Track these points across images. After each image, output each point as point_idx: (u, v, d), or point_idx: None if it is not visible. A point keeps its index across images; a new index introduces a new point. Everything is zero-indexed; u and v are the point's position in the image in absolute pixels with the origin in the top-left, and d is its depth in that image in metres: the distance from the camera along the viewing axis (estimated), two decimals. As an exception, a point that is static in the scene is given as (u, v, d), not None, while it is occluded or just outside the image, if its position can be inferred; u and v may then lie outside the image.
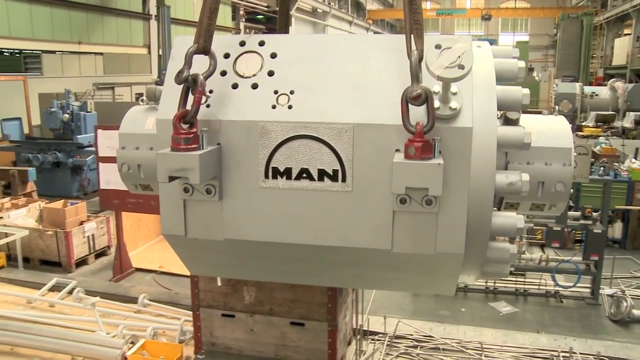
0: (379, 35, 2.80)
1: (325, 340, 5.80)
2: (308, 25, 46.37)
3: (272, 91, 2.57)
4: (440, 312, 8.02)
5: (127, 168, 2.93)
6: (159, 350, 6.19)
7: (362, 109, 2.46)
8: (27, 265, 9.42)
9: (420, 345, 6.78)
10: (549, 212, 2.88)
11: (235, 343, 6.04)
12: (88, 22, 22.43)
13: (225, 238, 2.67)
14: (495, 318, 7.83)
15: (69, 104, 15.06)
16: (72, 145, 14.56)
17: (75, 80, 21.06)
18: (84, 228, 9.50)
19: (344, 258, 2.68)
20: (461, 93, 2.35)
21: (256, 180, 2.56)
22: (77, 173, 14.81)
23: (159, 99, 2.73)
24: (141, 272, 9.17)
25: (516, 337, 6.84)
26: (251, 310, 5.90)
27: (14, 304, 7.98)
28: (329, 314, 5.72)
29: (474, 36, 11.41)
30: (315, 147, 2.48)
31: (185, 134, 2.40)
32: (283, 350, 5.93)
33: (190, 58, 2.52)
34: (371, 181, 2.45)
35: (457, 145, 2.34)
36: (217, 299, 5.95)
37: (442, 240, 2.43)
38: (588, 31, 38.87)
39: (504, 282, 8.69)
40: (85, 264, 9.57)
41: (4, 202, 10.92)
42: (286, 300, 5.79)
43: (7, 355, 6.55)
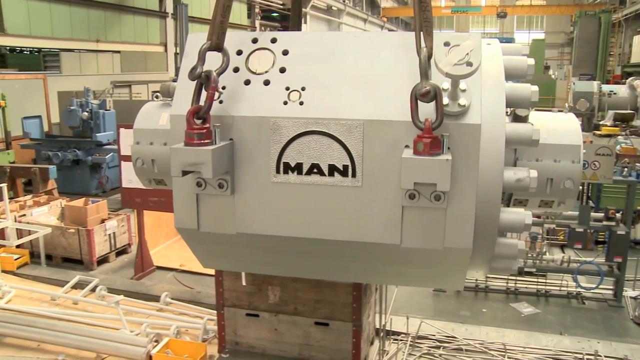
0: (389, 32, 2.82)
1: (350, 340, 5.82)
2: (323, 23, 46.33)
3: (284, 87, 2.61)
4: (461, 313, 8.01)
5: (142, 163, 2.98)
6: (183, 349, 6.23)
7: (372, 105, 2.49)
8: (49, 262, 9.51)
9: (442, 345, 6.76)
10: (557, 208, 2.93)
11: (259, 342, 6.07)
12: (106, 21, 22.59)
13: (237, 232, 2.71)
14: (517, 319, 7.79)
15: (88, 102, 15.20)
16: (92, 143, 14.69)
17: (93, 78, 21.21)
18: (105, 226, 9.58)
19: (353, 252, 2.70)
20: (470, 90, 2.37)
21: (268, 175, 2.60)
22: (96, 171, 14.94)
23: (173, 95, 2.77)
24: (162, 270, 9.23)
25: (539, 339, 6.80)
26: (275, 310, 5.92)
27: (39, 300, 8.07)
28: (354, 314, 5.74)
29: (489, 34, 11.32)
30: (325, 142, 2.52)
31: (198, 129, 2.44)
32: (307, 350, 5.95)
33: (203, 55, 2.56)
34: (381, 176, 2.47)
35: (466, 142, 2.36)
36: (242, 298, 5.98)
37: (450, 235, 2.46)
38: (606, 28, 38.42)
39: (525, 283, 8.65)
40: (106, 261, 9.65)
41: (26, 199, 11.03)
42: (311, 300, 5.81)
43: (34, 352, 6.63)
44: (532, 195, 2.74)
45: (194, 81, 2.55)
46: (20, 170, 12.88)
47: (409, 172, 2.24)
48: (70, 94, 16.29)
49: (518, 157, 2.73)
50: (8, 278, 8.64)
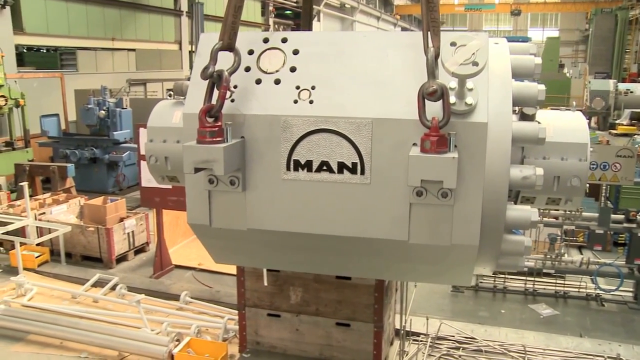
0: (398, 32, 2.85)
1: (371, 341, 5.85)
2: (336, 20, 46.28)
3: (294, 86, 2.66)
4: (480, 314, 8.00)
5: (155, 160, 3.04)
6: (204, 348, 6.27)
7: (381, 104, 2.53)
8: (69, 260, 9.61)
9: (462, 346, 6.76)
10: (564, 206, 2.96)
11: (280, 342, 6.11)
12: (121, 19, 22.71)
13: (248, 228, 2.76)
14: (536, 320, 7.77)
15: (105, 100, 15.29)
16: (109, 141, 14.80)
17: (109, 76, 21.35)
18: (124, 225, 9.66)
19: (362, 248, 2.74)
20: (477, 89, 2.40)
21: (278, 172, 2.65)
22: (112, 169, 15.05)
23: (186, 93, 2.81)
24: (180, 269, 9.28)
25: (559, 341, 6.78)
26: (297, 311, 5.96)
27: (60, 298, 8.16)
28: (375, 315, 5.77)
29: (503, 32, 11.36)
30: (335, 140, 2.56)
31: (210, 128, 2.49)
32: (328, 350, 5.99)
33: (215, 54, 2.61)
34: (389, 174, 2.52)
35: (473, 140, 2.40)
36: (263, 298, 6.02)
37: (457, 232, 2.49)
38: (622, 26, 38.08)
39: (543, 284, 8.61)
40: (125, 260, 9.72)
41: (45, 197, 11.14)
42: (332, 301, 5.84)
43: (57, 349, 6.71)
44: (539, 192, 2.78)
45: (206, 80, 2.59)
46: (39, 168, 13.00)
47: (416, 170, 2.28)
48: (87, 92, 16.40)
49: (525, 155, 2.76)
50: (30, 275, 8.75)
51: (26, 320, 7.05)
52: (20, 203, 10.70)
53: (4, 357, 6.56)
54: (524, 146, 2.76)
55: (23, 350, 6.70)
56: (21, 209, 10.30)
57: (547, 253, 8.28)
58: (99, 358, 6.52)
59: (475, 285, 8.67)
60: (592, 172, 8.41)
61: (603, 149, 8.61)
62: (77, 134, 16.28)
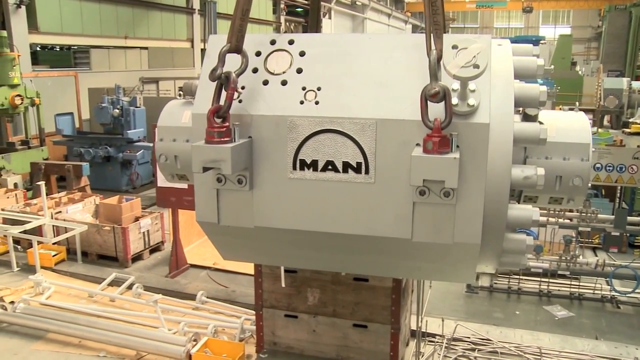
0: (402, 34, 2.89)
1: (387, 342, 5.87)
2: (347, 18, 46.24)
3: (301, 87, 2.72)
4: (494, 315, 8.00)
5: (165, 159, 3.10)
6: (221, 349, 6.33)
7: (385, 105, 2.58)
8: (85, 259, 9.70)
9: (477, 348, 6.78)
10: (567, 205, 3.00)
11: (297, 343, 6.14)
12: (134, 17, 22.82)
13: (255, 225, 2.82)
14: (551, 322, 7.77)
15: (119, 99, 15.39)
16: (122, 140, 14.90)
17: (122, 74, 21.47)
18: (139, 224, 9.74)
19: (366, 246, 2.80)
20: (479, 90, 2.44)
21: (284, 171, 2.70)
22: (126, 167, 15.16)
23: (195, 93, 2.86)
24: (196, 268, 9.35)
25: (574, 343, 6.77)
26: (314, 312, 5.99)
27: (77, 297, 8.25)
28: (392, 316, 5.78)
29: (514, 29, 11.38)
30: (340, 140, 2.62)
31: (218, 128, 2.56)
32: (345, 351, 6.01)
33: (223, 57, 2.67)
34: (393, 173, 2.57)
35: (475, 140, 2.44)
36: (281, 299, 6.06)
37: (459, 230, 2.54)
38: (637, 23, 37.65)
39: (558, 285, 8.61)
40: (140, 259, 9.80)
41: (61, 196, 11.25)
42: (350, 302, 5.86)
43: (76, 347, 6.79)
44: (541, 192, 2.82)
45: (214, 82, 2.64)
46: (55, 167, 13.13)
47: (418, 170, 2.33)
48: (101, 91, 16.52)
49: (528, 155, 2.80)
50: (47, 274, 8.86)
51: (45, 318, 7.15)
52: (36, 202, 10.83)
53: (26, 355, 6.65)
54: (527, 146, 2.79)
55: (43, 348, 6.79)
56: (37, 207, 10.42)
57: (562, 255, 8.27)
58: (118, 357, 6.60)
59: (489, 286, 8.68)
60: (608, 174, 8.39)
61: (620, 151, 8.58)
62: (91, 132, 16.39)
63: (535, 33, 73.20)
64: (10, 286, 8.54)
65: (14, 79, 13.28)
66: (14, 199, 11.59)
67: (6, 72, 13.13)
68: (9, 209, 10.36)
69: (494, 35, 77.96)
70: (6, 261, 9.44)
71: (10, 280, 8.88)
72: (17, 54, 13.54)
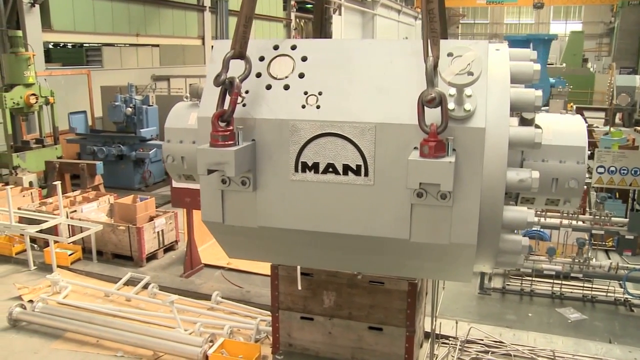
0: (401, 40, 2.97)
1: (402, 345, 5.95)
2: (357, 14, 46.19)
3: (302, 92, 2.77)
4: (507, 317, 8.02)
5: (172, 159, 3.17)
6: (237, 349, 6.40)
7: (384, 109, 2.64)
8: (100, 258, 9.80)
9: (491, 350, 6.82)
10: (563, 207, 3.05)
11: (312, 345, 6.22)
12: (146, 15, 22.91)
13: (259, 225, 2.89)
14: (564, 325, 7.77)
15: (132, 98, 15.49)
16: (135, 138, 14.99)
17: (134, 72, 21.58)
18: (154, 224, 9.83)
19: (366, 246, 2.86)
20: (475, 96, 2.50)
21: (287, 173, 2.76)
22: (139, 165, 15.25)
23: (201, 96, 2.97)
24: (210, 268, 9.42)
25: (588, 347, 6.80)
26: (330, 314, 6.07)
27: (93, 296, 8.36)
28: (407, 319, 5.86)
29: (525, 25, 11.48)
30: (340, 144, 2.68)
31: (222, 132, 2.62)
32: (360, 353, 6.09)
33: (227, 63, 2.74)
34: (391, 176, 2.63)
35: (471, 144, 2.50)
36: (297, 302, 6.14)
37: (456, 231, 2.60)
38: (650, 20, 37.50)
39: (570, 288, 8.62)
40: (154, 258, 9.89)
41: (76, 195, 11.36)
42: (365, 305, 5.93)
43: (94, 347, 6.89)
44: (538, 193, 2.87)
45: (218, 87, 2.72)
46: (69, 166, 13.25)
47: (415, 173, 2.39)
48: (113, 89, 16.61)
49: (525, 158, 2.86)
50: (63, 273, 8.97)
51: (63, 318, 7.26)
52: (52, 200, 10.95)
53: (46, 354, 6.76)
54: (524, 150, 2.86)
55: (62, 347, 6.90)
56: (53, 206, 10.54)
57: (575, 257, 8.28)
58: (135, 357, 6.69)
59: (502, 288, 8.71)
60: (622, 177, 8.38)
61: (634, 154, 8.58)
62: (104, 130, 16.49)
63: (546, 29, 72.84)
64: (28, 285, 8.67)
65: (29, 79, 13.42)
66: (29, 197, 11.73)
67: (21, 72, 13.27)
68: (25, 208, 10.48)
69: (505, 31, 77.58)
70: (23, 260, 9.57)
71: (28, 278, 9.01)
72: (32, 53, 13.67)
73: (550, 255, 8.39)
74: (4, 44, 15.36)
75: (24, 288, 8.48)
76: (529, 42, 16.68)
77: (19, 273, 9.28)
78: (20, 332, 7.25)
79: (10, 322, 7.33)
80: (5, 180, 13.33)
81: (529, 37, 18.12)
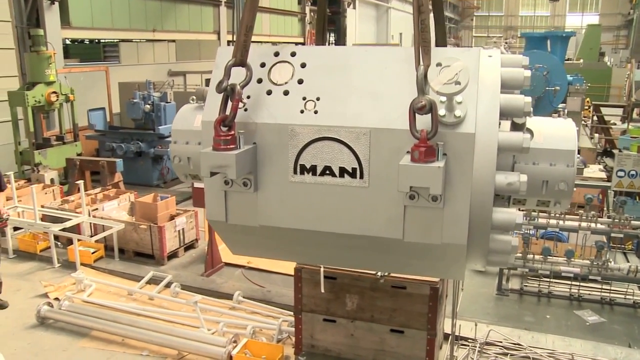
0: (396, 48, 3.10)
1: (424, 347, 6.03)
2: (371, 7, 46.04)
3: (301, 97, 2.91)
4: (525, 318, 8.08)
5: (179, 160, 3.33)
6: (260, 350, 6.52)
7: (378, 114, 2.77)
8: (122, 256, 9.96)
9: (510, 353, 6.89)
10: (554, 208, 3.17)
11: (334, 346, 6.33)
12: (162, 10, 23.02)
13: (260, 224, 3.05)
14: (582, 327, 7.81)
15: (150, 94, 15.63)
16: (154, 135, 15.14)
17: (150, 67, 21.73)
18: (175, 223, 9.96)
19: (361, 244, 3.00)
20: (466, 102, 2.63)
21: (286, 175, 2.91)
22: (157, 162, 15.41)
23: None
24: (230, 267, 9.54)
25: (607, 351, 6.84)
26: (352, 317, 6.16)
27: (117, 294, 8.52)
28: (429, 323, 5.93)
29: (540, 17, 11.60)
30: (337, 147, 2.82)
31: (224, 136, 2.77)
32: (381, 355, 6.18)
33: (228, 71, 2.89)
34: (385, 178, 2.76)
35: (461, 149, 2.62)
36: (320, 304, 6.24)
37: (447, 232, 2.73)
38: (670, 12, 36.94)
39: (589, 290, 8.65)
40: (175, 256, 10.03)
41: (96, 192, 11.53)
42: (387, 308, 6.02)
43: (120, 346, 7.05)
44: (529, 195, 2.97)
45: (220, 94, 2.85)
46: (89, 163, 13.43)
47: (405, 177, 2.51)
48: (131, 86, 16.76)
49: (516, 161, 2.95)
50: (87, 271, 9.14)
51: (89, 317, 7.42)
52: (73, 198, 11.12)
53: (74, 352, 6.94)
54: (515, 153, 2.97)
55: (89, 345, 7.06)
56: (75, 204, 10.71)
57: (594, 260, 8.31)
58: (160, 356, 6.83)
59: (519, 289, 8.77)
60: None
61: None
62: (122, 127, 16.67)
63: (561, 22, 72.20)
64: (53, 282, 8.85)
65: (50, 77, 13.59)
66: (51, 195, 11.91)
67: (43, 70, 13.45)
68: (48, 206, 10.66)
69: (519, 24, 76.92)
70: (47, 257, 9.76)
71: (53, 276, 9.20)
72: (53, 52, 13.84)
73: (568, 257, 8.43)
74: (24, 41, 15.56)
75: (49, 286, 8.66)
76: (546, 39, 16.53)
77: (44, 270, 9.47)
78: (49, 329, 7.43)
79: (38, 319, 7.52)
80: (27, 176, 13.54)
81: (546, 34, 17.97)
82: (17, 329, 7.44)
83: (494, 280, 8.90)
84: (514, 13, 78.80)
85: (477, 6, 78.08)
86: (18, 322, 7.60)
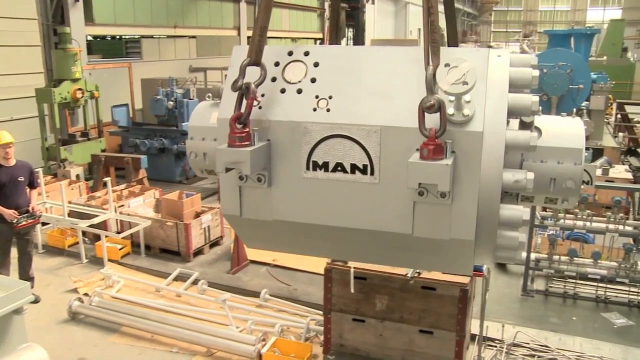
0: (408, 47, 3.16)
1: (452, 348, 6.07)
2: (390, 3, 45.91)
3: (314, 96, 2.97)
4: (551, 320, 8.05)
5: (195, 156, 3.38)
6: (289, 349, 6.58)
7: (389, 113, 2.83)
8: (148, 252, 10.08)
9: (537, 355, 6.89)
10: (561, 205, 3.20)
11: (363, 346, 6.38)
12: (183, 7, 23.15)
13: (273, 219, 3.12)
14: (609, 330, 7.76)
15: (173, 91, 15.75)
16: (177, 132, 15.26)
17: (172, 63, 21.88)
18: (201, 220, 10.07)
19: (371, 239, 3.05)
20: (474, 101, 2.68)
21: (299, 171, 2.97)
22: (180, 159, 15.52)
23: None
24: (255, 264, 9.62)
25: (636, 354, 6.80)
26: (382, 317, 6.21)
27: (144, 291, 8.64)
28: (458, 324, 5.97)
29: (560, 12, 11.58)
30: (348, 145, 2.88)
31: (239, 133, 2.84)
32: (410, 355, 6.23)
33: (243, 70, 2.95)
34: (395, 175, 2.81)
35: (469, 147, 2.68)
36: (349, 304, 6.29)
37: (455, 227, 2.79)
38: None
39: (616, 292, 8.60)
40: (201, 253, 10.13)
41: (122, 189, 11.67)
42: (417, 309, 6.06)
43: (149, 342, 7.16)
44: (537, 192, 3.03)
45: (235, 92, 2.93)
46: (114, 159, 13.58)
47: (414, 174, 2.57)
48: (154, 82, 16.88)
49: (524, 159, 2.99)
50: (114, 267, 9.27)
51: (119, 313, 7.54)
52: (99, 194, 11.27)
53: (105, 347, 7.06)
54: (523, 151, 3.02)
55: (119, 341, 7.18)
56: (101, 200, 10.86)
57: (621, 262, 8.26)
58: (189, 353, 6.93)
59: (545, 290, 8.74)
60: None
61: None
62: (145, 123, 16.81)
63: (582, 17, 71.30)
64: (82, 277, 8.99)
65: (76, 74, 13.75)
66: (77, 190, 12.08)
67: (69, 67, 13.61)
68: (75, 202, 10.82)
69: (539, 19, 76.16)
70: (75, 252, 9.91)
71: (81, 272, 9.34)
72: (79, 49, 13.99)
73: (595, 259, 8.39)
74: (50, 38, 15.75)
75: (79, 281, 8.80)
76: (570, 37, 16.37)
77: (72, 266, 9.62)
78: (80, 324, 7.57)
79: (70, 314, 7.66)
80: (53, 172, 13.73)
81: (570, 32, 17.78)
82: (51, 324, 7.59)
83: (519, 280, 8.88)
84: (533, 7, 78.02)
85: (496, 1, 77.46)
86: (51, 317, 7.75)
